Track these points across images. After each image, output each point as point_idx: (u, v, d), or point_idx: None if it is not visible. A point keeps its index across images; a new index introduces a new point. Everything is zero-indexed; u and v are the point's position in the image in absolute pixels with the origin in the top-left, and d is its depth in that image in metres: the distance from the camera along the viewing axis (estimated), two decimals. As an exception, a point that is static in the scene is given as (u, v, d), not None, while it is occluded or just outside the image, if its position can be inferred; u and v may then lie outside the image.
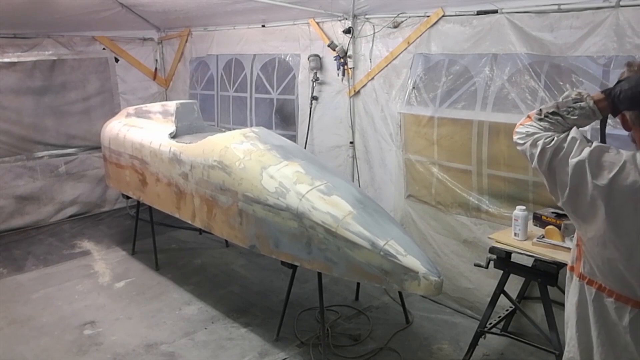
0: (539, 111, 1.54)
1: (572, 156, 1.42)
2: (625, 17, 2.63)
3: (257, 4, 4.00)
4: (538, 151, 1.47)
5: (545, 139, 1.47)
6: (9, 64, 5.25)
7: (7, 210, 5.41)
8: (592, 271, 1.53)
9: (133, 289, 4.16)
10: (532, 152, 1.50)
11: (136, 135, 4.22)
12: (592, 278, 1.54)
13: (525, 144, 1.52)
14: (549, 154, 1.45)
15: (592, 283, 1.54)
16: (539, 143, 1.48)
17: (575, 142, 1.43)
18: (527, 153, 1.52)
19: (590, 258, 1.52)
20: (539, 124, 1.52)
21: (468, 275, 3.55)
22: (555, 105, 1.52)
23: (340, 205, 2.74)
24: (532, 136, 1.50)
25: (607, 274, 1.49)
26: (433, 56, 3.57)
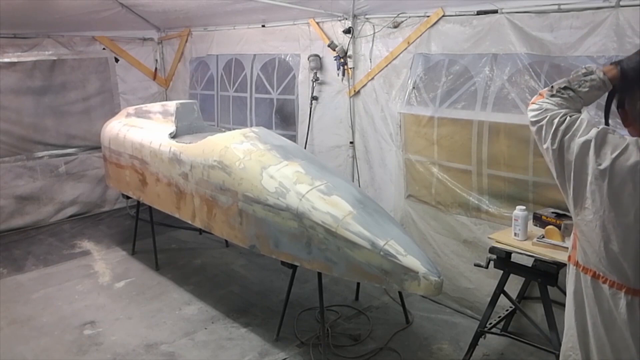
0: (551, 87, 1.55)
1: (580, 135, 1.44)
2: (625, 17, 2.63)
3: (257, 4, 4.00)
4: (553, 129, 1.49)
5: (560, 117, 1.49)
6: (9, 64, 5.25)
7: (7, 210, 5.41)
8: (586, 259, 1.55)
9: (133, 289, 4.16)
10: (547, 129, 1.51)
11: (136, 135, 4.22)
12: (587, 266, 1.55)
13: (542, 120, 1.52)
14: (561, 132, 1.47)
15: (587, 270, 1.55)
16: (554, 121, 1.49)
17: (584, 122, 1.46)
18: (543, 130, 1.52)
19: (587, 244, 1.53)
20: (552, 99, 1.53)
21: (468, 275, 3.55)
22: (566, 81, 1.55)
23: (340, 205, 2.74)
24: (547, 112, 1.51)
25: (603, 260, 1.49)
26: (433, 56, 3.57)
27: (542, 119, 1.52)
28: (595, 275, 1.53)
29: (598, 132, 1.43)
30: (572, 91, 1.52)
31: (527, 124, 3.10)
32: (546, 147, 1.52)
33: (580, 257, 1.58)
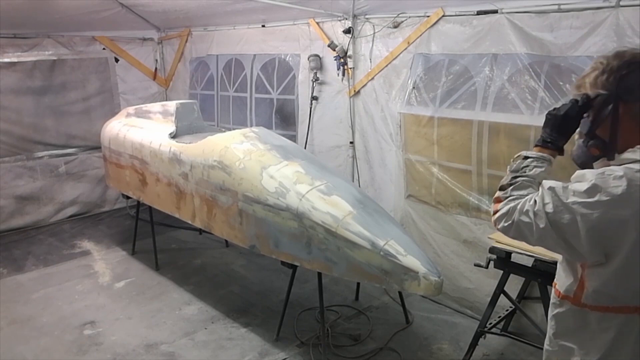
0: (502, 189, 1.49)
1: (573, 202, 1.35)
2: (625, 17, 2.63)
3: (257, 4, 4.00)
4: (534, 212, 1.39)
5: (529, 202, 1.41)
6: (9, 64, 5.25)
7: (7, 210, 5.41)
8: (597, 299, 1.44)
9: (133, 289, 4.16)
10: (527, 220, 1.40)
11: (136, 135, 4.22)
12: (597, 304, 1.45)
13: (514, 220, 1.43)
14: (544, 213, 1.37)
15: (598, 308, 1.45)
16: (526, 209, 1.40)
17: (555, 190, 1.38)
18: (522, 225, 1.42)
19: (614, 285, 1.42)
20: (510, 198, 1.46)
21: (468, 275, 3.55)
22: (511, 174, 1.50)
23: (340, 205, 2.74)
24: (516, 208, 1.43)
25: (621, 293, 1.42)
26: (433, 56, 3.57)
27: (515, 216, 1.43)
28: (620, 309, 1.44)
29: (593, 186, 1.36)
30: (522, 177, 1.47)
31: (527, 124, 3.12)
32: (537, 238, 1.41)
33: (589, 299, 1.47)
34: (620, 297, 1.41)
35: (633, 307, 1.41)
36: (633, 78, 1.35)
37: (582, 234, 1.33)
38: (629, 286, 1.39)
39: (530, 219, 1.39)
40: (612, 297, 1.42)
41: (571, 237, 1.36)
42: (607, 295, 1.42)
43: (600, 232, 1.32)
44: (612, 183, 1.30)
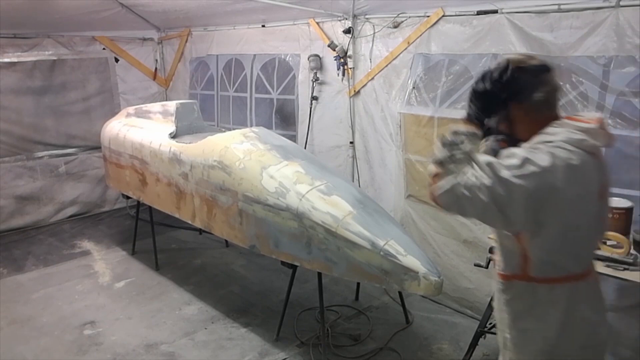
0: (441, 164, 1.53)
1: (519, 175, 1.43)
2: (625, 17, 2.63)
3: (257, 4, 4.00)
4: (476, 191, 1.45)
5: (471, 177, 1.46)
6: (9, 64, 5.25)
7: (7, 210, 5.41)
8: (543, 270, 1.57)
9: (133, 289, 4.16)
10: (468, 196, 1.47)
11: (136, 135, 4.22)
12: (543, 276, 1.58)
13: (457, 195, 1.49)
14: (485, 187, 1.44)
15: (544, 280, 1.58)
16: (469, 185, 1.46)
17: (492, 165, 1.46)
18: (464, 198, 1.48)
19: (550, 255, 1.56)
20: (454, 170, 1.51)
21: (468, 275, 3.55)
22: (447, 150, 1.55)
23: (340, 205, 2.74)
24: (458, 184, 1.48)
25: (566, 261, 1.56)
26: (433, 56, 3.57)
27: (458, 192, 1.48)
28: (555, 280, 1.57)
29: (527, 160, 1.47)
30: (458, 152, 1.53)
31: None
32: (484, 203, 1.45)
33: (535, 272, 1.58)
34: (562, 265, 1.55)
35: (576, 274, 1.56)
36: (518, 82, 1.54)
37: (517, 205, 1.44)
38: (569, 253, 1.54)
39: (473, 194, 1.46)
40: (555, 265, 1.55)
41: (508, 209, 1.45)
42: (551, 265, 1.55)
43: (534, 201, 1.45)
44: (539, 156, 1.44)
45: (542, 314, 1.58)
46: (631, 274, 2.28)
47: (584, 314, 1.57)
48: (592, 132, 1.51)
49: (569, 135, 1.49)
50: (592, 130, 1.51)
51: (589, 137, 1.49)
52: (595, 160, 1.52)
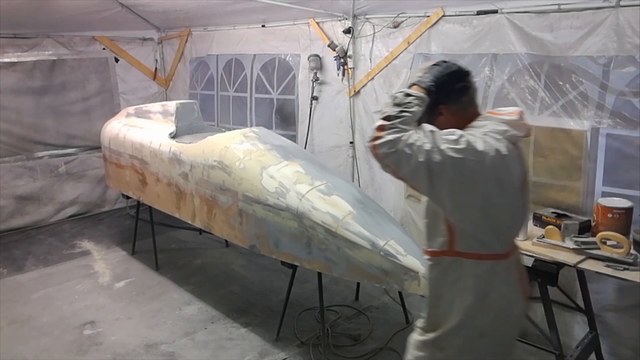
0: (387, 118, 1.61)
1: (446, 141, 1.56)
2: (625, 17, 2.63)
3: (257, 4, 4.00)
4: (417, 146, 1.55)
5: (413, 136, 1.57)
6: (9, 64, 5.25)
7: (7, 210, 5.41)
8: (469, 244, 1.69)
9: (133, 289, 4.16)
10: (407, 151, 1.55)
11: (136, 135, 4.22)
12: (469, 251, 1.69)
13: (397, 149, 1.56)
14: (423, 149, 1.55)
15: (471, 255, 1.69)
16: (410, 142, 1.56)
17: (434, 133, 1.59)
18: (402, 155, 1.56)
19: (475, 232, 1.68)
20: (394, 129, 1.58)
21: (468, 275, 3.55)
22: (396, 107, 1.63)
23: (340, 205, 2.74)
24: (401, 139, 1.56)
25: (490, 239, 1.68)
26: (433, 56, 3.57)
27: (399, 146, 1.56)
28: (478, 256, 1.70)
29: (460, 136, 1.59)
30: (407, 113, 1.61)
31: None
32: (418, 163, 1.55)
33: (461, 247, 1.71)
34: (486, 242, 1.68)
35: (499, 253, 1.70)
36: (444, 86, 1.69)
37: (446, 175, 1.56)
38: (492, 232, 1.67)
39: (412, 152, 1.55)
40: (479, 242, 1.67)
41: (437, 177, 1.57)
42: (476, 241, 1.67)
43: (461, 176, 1.57)
44: (475, 139, 1.58)
45: (466, 286, 1.71)
46: (631, 274, 2.28)
47: (501, 290, 1.72)
48: (513, 123, 1.68)
49: (494, 126, 1.66)
50: (513, 122, 1.68)
51: (511, 128, 1.66)
52: (516, 150, 1.69)
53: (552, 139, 2.98)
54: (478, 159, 1.56)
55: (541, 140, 3.03)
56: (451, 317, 1.76)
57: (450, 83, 1.71)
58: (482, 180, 1.60)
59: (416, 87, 1.69)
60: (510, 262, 1.75)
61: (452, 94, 1.71)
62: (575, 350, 2.77)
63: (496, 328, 1.75)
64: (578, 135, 2.86)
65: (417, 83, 1.70)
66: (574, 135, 2.88)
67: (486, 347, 1.76)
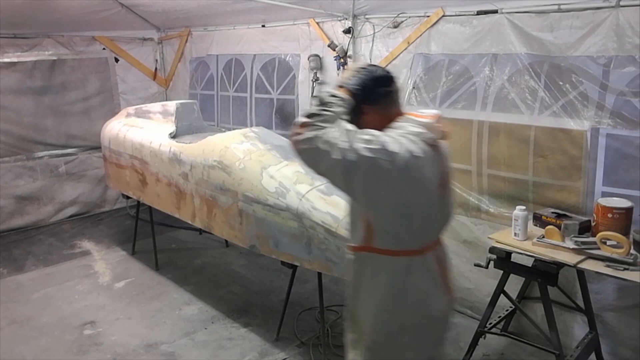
0: (309, 116, 1.68)
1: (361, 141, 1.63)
2: (625, 17, 2.63)
3: (257, 4, 4.00)
4: (331, 144, 1.62)
5: (331, 134, 1.63)
6: (9, 64, 5.25)
7: (7, 210, 5.41)
8: (384, 241, 1.76)
9: (133, 289, 4.16)
10: (325, 147, 1.62)
11: (136, 135, 4.22)
12: (384, 247, 1.76)
13: (316, 143, 1.63)
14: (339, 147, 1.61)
15: (386, 251, 1.76)
16: (329, 137, 1.63)
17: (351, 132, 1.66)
18: (320, 151, 1.63)
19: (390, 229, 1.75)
20: (314, 126, 1.65)
21: (468, 275, 3.55)
22: (319, 106, 1.70)
23: (340, 205, 2.74)
24: (319, 136, 1.63)
25: (404, 236, 1.75)
26: (433, 56, 3.57)
27: (317, 143, 1.63)
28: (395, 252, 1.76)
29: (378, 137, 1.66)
30: (328, 112, 1.68)
31: (527, 124, 3.12)
32: (334, 160, 1.61)
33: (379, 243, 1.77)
34: (401, 239, 1.75)
35: (414, 250, 1.77)
36: (371, 91, 1.77)
37: (361, 174, 1.63)
38: (407, 230, 1.74)
39: (328, 149, 1.62)
40: (395, 239, 1.75)
41: (352, 174, 1.64)
42: (391, 238, 1.75)
43: (374, 175, 1.64)
44: (389, 140, 1.65)
45: (381, 282, 1.78)
46: (631, 274, 2.28)
47: (417, 284, 1.77)
48: (429, 126, 1.75)
49: (411, 128, 1.73)
50: (428, 124, 1.75)
51: (426, 130, 1.74)
52: (434, 152, 1.76)
53: (552, 139, 2.98)
54: (390, 159, 1.62)
55: (541, 140, 3.03)
56: (369, 312, 1.83)
57: (374, 87, 1.79)
58: (395, 179, 1.66)
59: (342, 89, 1.78)
60: (428, 257, 1.80)
61: (375, 97, 1.79)
62: (575, 350, 2.77)
63: (417, 323, 1.81)
64: (578, 135, 2.86)
65: (344, 85, 1.79)
66: (574, 135, 2.89)
67: (410, 342, 1.81)
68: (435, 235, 1.87)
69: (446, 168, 1.85)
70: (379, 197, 1.70)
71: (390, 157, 1.63)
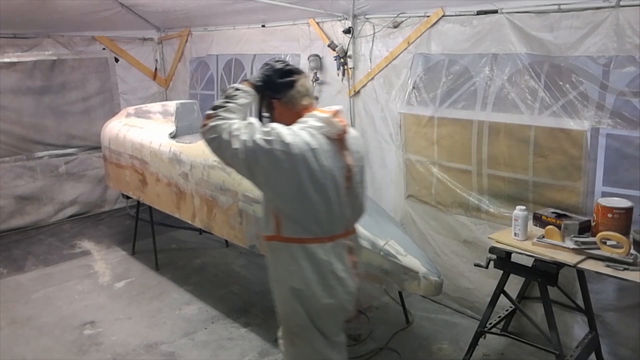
0: (214, 108, 1.87)
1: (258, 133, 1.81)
2: (625, 17, 2.63)
3: (257, 4, 3.99)
4: (232, 134, 1.80)
5: (233, 125, 1.82)
6: (9, 64, 5.25)
7: (7, 210, 5.41)
8: (293, 230, 1.90)
9: (133, 289, 4.16)
10: (226, 137, 1.81)
11: (136, 135, 4.22)
12: (294, 236, 1.91)
13: (220, 133, 1.82)
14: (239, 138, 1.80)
15: (295, 240, 1.91)
16: (232, 128, 1.81)
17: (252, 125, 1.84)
18: (223, 141, 1.81)
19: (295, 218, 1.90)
20: (218, 117, 1.85)
21: (468, 275, 3.55)
22: (223, 98, 1.90)
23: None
24: (222, 126, 1.82)
25: (310, 224, 1.89)
26: (433, 56, 3.57)
27: (220, 132, 1.81)
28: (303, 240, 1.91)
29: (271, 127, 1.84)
30: (231, 103, 1.87)
31: (527, 124, 3.12)
32: (236, 149, 1.80)
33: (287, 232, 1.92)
34: (308, 228, 1.88)
35: (322, 237, 1.91)
36: (273, 83, 1.96)
37: (260, 164, 1.80)
38: (311, 219, 1.88)
39: (230, 139, 1.80)
40: (303, 227, 1.88)
41: (253, 165, 1.82)
42: (299, 226, 1.88)
43: (273, 166, 1.80)
44: (286, 132, 1.82)
45: (295, 267, 1.91)
46: (631, 274, 2.28)
47: (327, 270, 1.92)
48: (328, 120, 1.91)
49: (313, 122, 1.90)
50: (327, 119, 1.91)
51: (325, 124, 1.90)
52: (337, 146, 1.92)
53: (552, 139, 2.98)
54: (285, 150, 1.77)
55: (541, 140, 3.03)
56: (286, 297, 1.96)
57: (275, 78, 1.96)
58: (292, 170, 1.80)
59: (246, 83, 1.97)
60: (338, 243, 1.95)
61: (277, 88, 1.96)
62: (575, 350, 2.77)
63: (326, 307, 1.95)
64: (578, 135, 2.86)
65: (247, 79, 2.00)
66: (574, 135, 2.88)
67: (321, 325, 1.98)
68: (346, 225, 2.00)
69: (354, 161, 1.98)
70: (280, 186, 1.84)
71: (285, 147, 1.77)
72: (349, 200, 1.96)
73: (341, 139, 1.95)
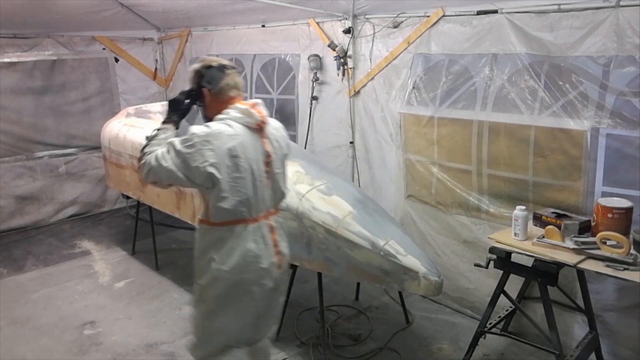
0: (142, 151, 2.16)
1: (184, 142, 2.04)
2: (625, 17, 2.63)
3: (257, 4, 3.99)
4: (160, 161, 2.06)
5: (157, 153, 2.08)
6: (9, 64, 5.25)
7: (7, 210, 5.41)
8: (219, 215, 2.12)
9: (133, 289, 4.16)
10: (155, 165, 2.07)
11: (136, 135, 4.22)
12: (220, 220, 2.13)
13: (150, 167, 2.09)
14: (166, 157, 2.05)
15: (222, 223, 2.13)
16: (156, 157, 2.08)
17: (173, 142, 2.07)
18: (156, 169, 2.07)
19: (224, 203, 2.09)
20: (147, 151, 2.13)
21: (468, 275, 3.55)
22: (147, 141, 2.19)
23: (340, 205, 2.74)
24: (150, 159, 2.09)
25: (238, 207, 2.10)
26: (433, 56, 3.57)
27: (150, 162, 2.08)
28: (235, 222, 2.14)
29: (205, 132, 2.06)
30: (154, 141, 2.15)
31: (527, 124, 3.13)
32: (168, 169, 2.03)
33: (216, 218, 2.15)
34: (235, 212, 2.09)
35: (247, 219, 2.14)
36: (206, 74, 2.18)
37: (193, 168, 2.01)
38: (237, 202, 2.08)
39: (159, 163, 2.04)
40: (229, 212, 2.09)
41: (187, 171, 2.03)
42: (225, 211, 2.09)
43: (200, 163, 2.00)
44: (205, 130, 2.03)
45: (220, 247, 2.13)
46: (631, 274, 2.28)
47: (249, 246, 2.14)
48: (246, 112, 2.12)
49: (234, 114, 2.11)
50: (245, 110, 2.12)
51: (244, 115, 2.11)
52: (257, 134, 2.15)
53: (552, 139, 2.98)
54: (208, 147, 1.99)
55: (541, 140, 3.03)
56: (208, 272, 2.16)
57: (206, 70, 2.18)
58: (218, 159, 2.00)
59: (164, 123, 2.22)
60: (262, 224, 2.19)
61: (211, 81, 2.17)
62: (575, 350, 2.77)
63: (248, 277, 2.16)
64: (578, 135, 2.86)
65: (164, 120, 2.25)
66: (574, 135, 2.89)
67: (240, 294, 2.17)
68: (268, 206, 2.23)
69: (274, 149, 2.22)
70: (213, 179, 2.01)
71: (207, 144, 1.99)
72: (269, 183, 2.20)
73: (261, 128, 2.16)
